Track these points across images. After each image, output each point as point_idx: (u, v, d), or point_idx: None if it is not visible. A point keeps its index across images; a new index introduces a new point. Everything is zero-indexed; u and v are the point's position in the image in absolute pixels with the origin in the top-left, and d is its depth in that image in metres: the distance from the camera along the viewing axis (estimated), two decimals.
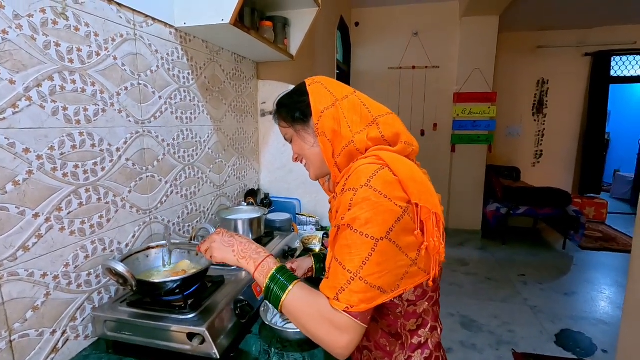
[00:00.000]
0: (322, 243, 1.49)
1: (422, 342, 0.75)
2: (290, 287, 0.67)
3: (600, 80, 5.05)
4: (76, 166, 0.81)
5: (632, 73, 5.28)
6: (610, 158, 7.25)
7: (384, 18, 4.49)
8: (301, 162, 0.85)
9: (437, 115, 4.53)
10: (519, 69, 5.19)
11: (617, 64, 5.22)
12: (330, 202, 0.84)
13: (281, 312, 0.68)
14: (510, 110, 5.25)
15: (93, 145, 0.86)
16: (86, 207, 0.84)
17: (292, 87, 1.83)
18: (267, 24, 1.49)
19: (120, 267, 0.76)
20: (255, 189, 1.78)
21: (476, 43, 4.19)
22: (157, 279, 0.86)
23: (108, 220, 0.91)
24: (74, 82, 0.80)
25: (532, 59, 5.15)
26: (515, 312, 2.79)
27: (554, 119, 5.26)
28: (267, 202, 1.72)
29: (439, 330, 0.79)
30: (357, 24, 4.54)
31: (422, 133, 4.58)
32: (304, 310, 0.66)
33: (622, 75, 5.28)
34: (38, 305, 0.74)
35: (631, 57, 5.20)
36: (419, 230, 0.66)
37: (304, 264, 1.03)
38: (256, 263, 0.72)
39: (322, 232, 1.57)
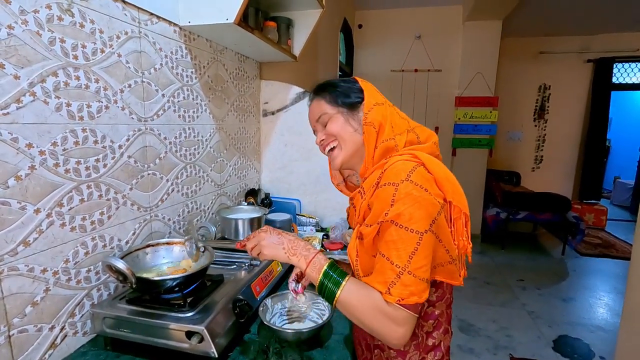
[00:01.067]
0: (322, 244, 1.49)
1: (436, 344, 0.76)
2: (344, 283, 0.69)
3: (602, 87, 5.05)
4: (78, 162, 0.81)
5: (634, 80, 5.29)
6: (610, 165, 7.26)
7: (387, 21, 4.49)
8: (325, 146, 0.82)
9: (438, 119, 4.54)
10: (521, 74, 5.20)
11: (619, 70, 5.23)
12: (353, 198, 0.83)
13: (335, 307, 0.70)
14: (512, 115, 5.25)
15: (95, 142, 0.86)
16: (87, 203, 0.84)
17: (295, 87, 1.84)
18: (271, 24, 1.49)
19: (121, 264, 0.76)
20: (256, 188, 1.78)
21: (479, 47, 4.19)
22: (156, 277, 0.85)
23: (109, 217, 0.91)
24: (78, 78, 0.80)
25: (534, 64, 5.16)
26: (513, 317, 2.78)
27: (555, 125, 5.27)
28: (267, 202, 1.72)
29: (450, 333, 0.80)
30: (360, 26, 4.55)
31: None
32: (358, 305, 0.67)
33: (623, 82, 5.29)
34: (37, 300, 0.74)
35: (633, 65, 5.20)
36: (451, 229, 0.69)
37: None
38: (307, 260, 0.73)
39: (322, 233, 1.57)
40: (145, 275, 0.89)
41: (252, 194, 1.69)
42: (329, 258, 0.74)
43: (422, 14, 4.38)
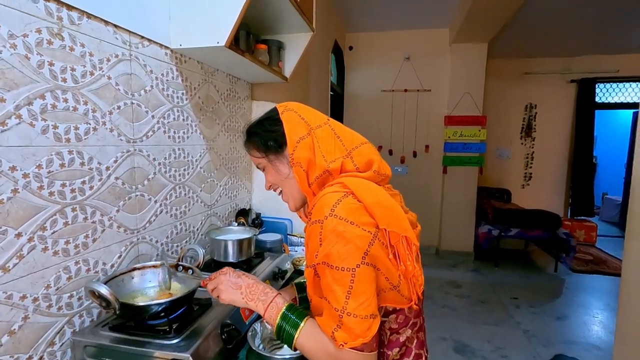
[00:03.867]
0: None
1: None
2: (302, 325, 0.67)
3: (585, 106, 5.21)
4: (63, 185, 0.80)
5: (616, 100, 5.47)
6: (597, 181, 7.39)
7: (376, 43, 4.62)
8: (275, 190, 0.84)
9: (428, 137, 4.61)
10: (507, 94, 5.35)
11: (601, 90, 5.41)
12: (305, 230, 0.83)
13: (295, 350, 0.68)
14: (500, 133, 5.37)
15: (82, 164, 0.85)
16: (72, 226, 0.83)
17: None
18: (262, 47, 1.52)
19: (104, 290, 0.74)
20: (247, 208, 1.77)
21: (466, 68, 4.32)
22: (141, 302, 0.83)
23: (94, 240, 0.89)
24: (66, 100, 0.80)
25: (520, 84, 5.32)
26: (508, 336, 2.75)
27: (543, 143, 5.39)
28: (258, 222, 1.70)
29: (424, 358, 0.77)
30: (350, 48, 4.67)
31: (414, 154, 4.64)
32: (314, 351, 0.66)
33: (606, 101, 5.47)
34: (15, 329, 0.71)
35: (614, 85, 5.40)
36: (392, 255, 0.65)
37: (286, 296, 0.99)
38: (265, 304, 0.72)
39: None
40: (130, 300, 0.86)
41: (242, 214, 1.68)
42: (301, 298, 0.74)
43: (410, 37, 4.51)
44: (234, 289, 0.75)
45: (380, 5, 3.74)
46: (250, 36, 1.48)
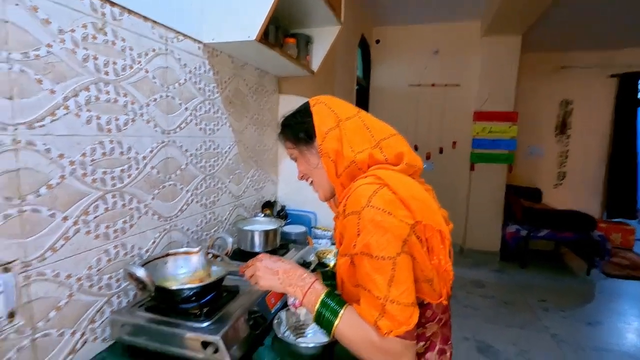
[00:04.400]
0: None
1: None
2: (342, 312, 0.67)
3: (627, 103, 4.91)
4: (105, 172, 0.85)
5: None
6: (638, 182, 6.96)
7: (404, 36, 4.53)
8: (307, 180, 0.86)
9: (456, 133, 4.49)
10: (541, 89, 5.12)
11: None
12: (334, 220, 0.83)
13: (333, 338, 0.68)
14: (532, 130, 5.14)
15: (121, 153, 0.89)
16: (111, 212, 0.88)
17: None
18: (291, 41, 1.53)
19: (141, 272, 0.78)
20: (272, 200, 1.80)
21: (497, 63, 4.16)
22: (174, 286, 0.87)
23: (131, 226, 0.94)
24: (107, 92, 0.85)
25: (555, 79, 5.07)
26: (534, 340, 2.67)
27: (579, 141, 5.13)
28: (283, 215, 1.73)
29: (448, 354, 0.77)
30: (378, 42, 4.60)
31: (441, 150, 4.54)
32: (356, 339, 0.66)
33: None
34: (61, 305, 0.76)
35: None
36: (425, 249, 0.65)
37: None
38: (303, 290, 0.72)
39: None
40: (163, 284, 0.91)
41: (268, 206, 1.71)
42: (327, 286, 0.73)
43: (439, 30, 4.39)
44: (271, 275, 0.76)
45: None
46: (279, 30, 1.50)
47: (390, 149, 0.73)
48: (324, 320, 0.68)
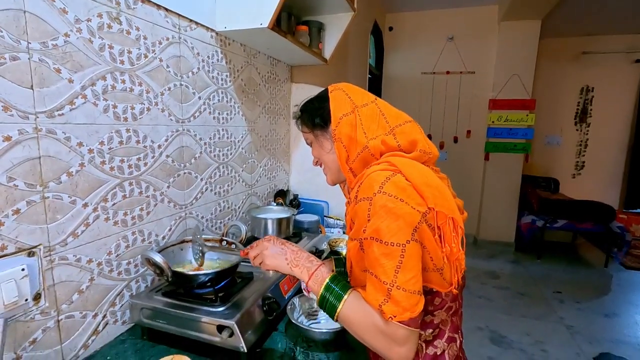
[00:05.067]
0: None
1: (439, 354, 0.73)
2: (346, 297, 0.67)
3: None
4: (122, 160, 0.87)
5: None
6: None
7: (418, 23, 4.43)
8: (320, 166, 0.86)
9: (471, 122, 4.41)
10: (561, 76, 4.94)
11: None
12: (346, 206, 0.83)
13: (336, 321, 0.69)
14: (551, 118, 5.00)
15: (138, 142, 0.91)
16: (129, 199, 0.90)
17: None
18: (303, 28, 1.51)
19: (158, 258, 0.80)
20: (285, 189, 1.81)
21: (515, 48, 4.04)
22: (191, 271, 0.89)
23: (148, 213, 0.96)
24: (123, 82, 0.86)
25: (576, 65, 4.89)
26: (549, 331, 2.64)
27: (599, 129, 4.96)
28: (295, 203, 1.74)
29: (458, 342, 0.77)
30: (390, 29, 4.52)
31: (455, 140, 4.47)
32: (359, 322, 0.66)
33: None
34: (83, 289, 0.79)
35: None
36: (437, 237, 0.65)
37: (325, 268, 1.02)
38: (309, 271, 0.73)
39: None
40: (179, 269, 0.93)
41: (281, 195, 1.72)
42: (333, 270, 0.74)
43: (455, 15, 4.28)
44: (279, 254, 0.77)
45: None
46: (292, 18, 1.48)
47: (404, 136, 0.72)
48: (327, 304, 0.69)
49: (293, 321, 0.89)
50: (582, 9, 3.90)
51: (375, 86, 4.46)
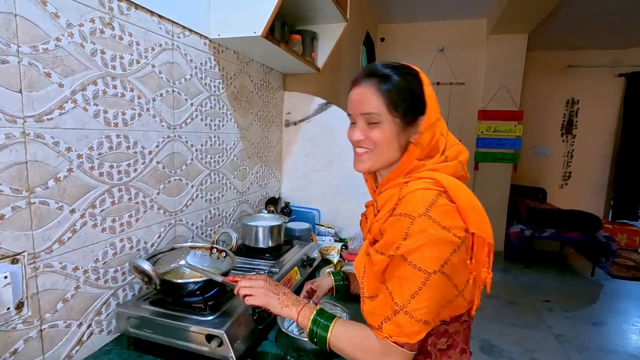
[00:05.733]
0: (341, 254, 1.48)
1: None
2: (332, 326, 0.70)
3: (635, 102, 4.85)
4: (111, 166, 0.85)
5: None
6: None
7: (409, 34, 4.51)
8: (358, 147, 0.76)
9: (460, 132, 4.46)
10: (547, 88, 5.08)
11: None
12: (367, 208, 0.83)
13: (330, 351, 0.72)
14: (538, 129, 5.11)
15: (128, 147, 0.90)
16: (118, 206, 0.88)
17: (317, 99, 1.86)
18: (297, 37, 1.53)
19: (147, 266, 0.78)
20: (276, 197, 1.81)
21: (503, 61, 4.14)
22: (179, 280, 0.88)
23: (137, 220, 0.95)
24: (115, 87, 0.85)
25: (561, 78, 5.03)
26: (539, 340, 2.66)
27: (584, 140, 5.09)
28: (287, 211, 1.73)
29: (468, 354, 0.77)
30: (382, 40, 4.59)
31: None
32: (349, 344, 0.69)
33: None
34: (68, 297, 0.77)
35: None
36: (469, 260, 0.66)
37: (324, 284, 1.02)
38: (298, 309, 0.75)
39: (341, 244, 1.57)
40: (169, 277, 0.91)
41: (272, 203, 1.72)
42: (317, 307, 0.76)
43: (445, 28, 4.37)
44: (274, 294, 0.78)
45: None
46: (285, 26, 1.50)
47: (452, 151, 0.75)
48: (317, 336, 0.71)
49: (283, 330, 0.88)
50: (568, 24, 4.03)
51: None
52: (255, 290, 0.78)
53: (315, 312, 0.74)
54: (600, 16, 3.81)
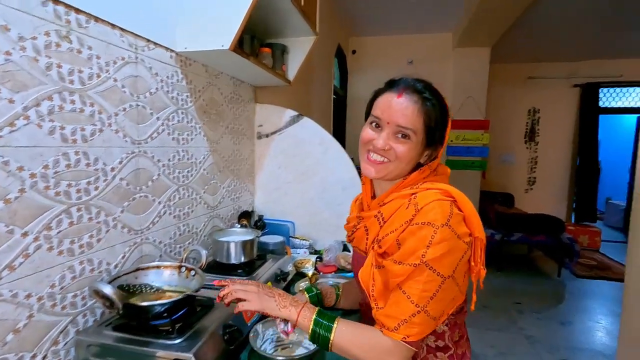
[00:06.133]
0: (315, 267, 1.47)
1: (465, 352, 0.82)
2: (335, 326, 0.71)
3: (589, 111, 5.20)
4: (69, 185, 0.81)
5: (620, 104, 5.45)
6: (602, 186, 7.34)
7: (380, 47, 4.64)
8: (384, 155, 0.76)
9: None
10: (511, 98, 5.35)
11: (604, 95, 5.39)
12: (364, 219, 0.83)
13: (331, 351, 0.72)
14: (503, 137, 5.36)
15: (88, 165, 0.86)
16: (77, 226, 0.84)
17: (289, 111, 1.86)
18: (266, 51, 1.53)
19: (108, 289, 0.74)
20: (250, 210, 1.78)
21: (469, 73, 4.32)
22: (144, 302, 0.84)
23: (98, 240, 0.90)
24: (73, 102, 0.81)
25: (523, 89, 5.32)
26: (511, 342, 2.73)
27: (546, 147, 5.38)
28: (261, 224, 1.71)
29: (469, 342, 0.87)
30: (354, 52, 4.69)
31: None
32: (354, 345, 0.70)
33: (609, 106, 5.45)
34: (20, 327, 0.72)
35: (618, 89, 5.38)
36: (472, 262, 0.72)
37: (329, 290, 1.06)
38: (297, 310, 0.74)
39: (316, 256, 1.56)
40: (133, 300, 0.87)
41: (245, 216, 1.68)
42: (317, 308, 0.77)
43: (413, 41, 4.53)
44: (269, 297, 0.76)
45: (384, 9, 3.76)
46: (255, 40, 1.50)
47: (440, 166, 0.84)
48: (320, 337, 0.71)
49: (256, 349, 0.85)
50: (527, 38, 4.29)
51: (340, 107, 4.57)
52: (250, 294, 0.76)
53: (316, 313, 0.74)
54: (555, 32, 4.08)
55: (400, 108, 0.73)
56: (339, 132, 4.46)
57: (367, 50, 4.67)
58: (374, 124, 0.78)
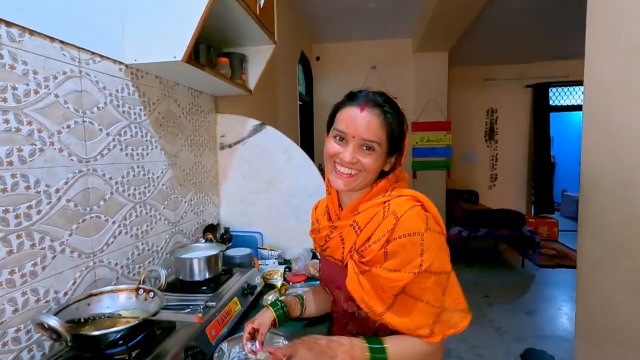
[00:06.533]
0: (284, 277, 1.45)
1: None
2: (386, 346, 0.73)
3: (541, 109, 5.54)
4: (6, 211, 0.75)
5: (568, 102, 5.85)
6: (557, 179, 7.82)
7: (343, 53, 4.71)
8: (352, 168, 0.77)
9: None
10: (469, 100, 5.60)
11: (554, 94, 5.76)
12: (338, 229, 0.83)
13: None
14: (465, 137, 5.59)
15: (27, 188, 0.80)
16: (17, 254, 0.77)
17: (252, 120, 1.83)
18: (224, 60, 1.50)
19: (53, 321, 0.69)
20: (215, 223, 1.73)
21: (429, 76, 4.48)
22: (95, 331, 0.78)
23: (43, 268, 0.84)
24: (7, 121, 0.76)
25: (480, 90, 5.58)
26: (482, 335, 2.82)
27: (505, 145, 5.66)
28: (227, 237, 1.66)
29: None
30: (318, 58, 4.73)
31: None
32: (406, 358, 0.74)
33: (559, 104, 5.83)
34: None
35: (565, 89, 5.77)
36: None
37: (265, 319, 0.92)
38: (350, 353, 0.72)
39: (284, 266, 1.54)
40: (85, 330, 0.81)
41: (211, 230, 1.64)
42: (360, 336, 0.76)
43: (375, 47, 4.63)
44: (318, 352, 0.72)
45: (345, 16, 3.82)
46: (212, 49, 1.47)
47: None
48: None
49: None
50: (481, 42, 4.51)
51: (307, 113, 4.58)
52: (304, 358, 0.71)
53: (366, 343, 0.74)
54: (506, 36, 4.32)
55: (363, 122, 0.75)
56: (307, 138, 4.46)
57: (330, 56, 4.73)
58: (338, 137, 0.79)
